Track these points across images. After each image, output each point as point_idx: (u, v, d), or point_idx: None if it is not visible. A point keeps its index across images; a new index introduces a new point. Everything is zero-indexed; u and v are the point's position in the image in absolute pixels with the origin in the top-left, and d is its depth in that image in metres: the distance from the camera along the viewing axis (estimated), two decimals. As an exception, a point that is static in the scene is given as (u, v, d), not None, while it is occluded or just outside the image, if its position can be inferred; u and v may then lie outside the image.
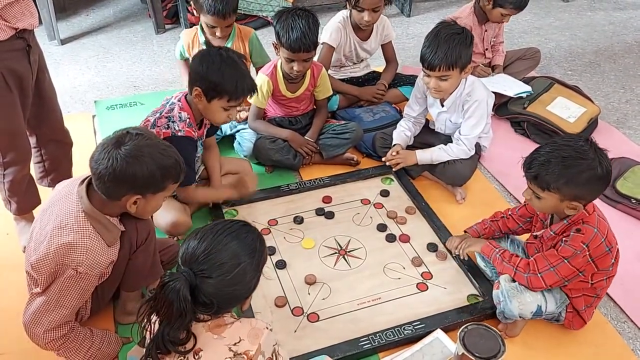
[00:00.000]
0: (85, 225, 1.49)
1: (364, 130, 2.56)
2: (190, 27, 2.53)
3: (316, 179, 2.40)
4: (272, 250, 2.06)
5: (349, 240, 2.12)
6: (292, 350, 1.65)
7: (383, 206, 2.29)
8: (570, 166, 1.54)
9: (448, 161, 2.32)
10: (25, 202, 2.03)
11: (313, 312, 1.83)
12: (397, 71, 2.94)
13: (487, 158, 2.59)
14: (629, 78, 3.34)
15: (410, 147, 2.44)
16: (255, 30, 3.68)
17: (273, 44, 2.35)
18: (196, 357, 1.22)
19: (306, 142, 2.47)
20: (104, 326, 1.75)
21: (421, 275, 1.98)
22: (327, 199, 2.32)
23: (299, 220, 2.20)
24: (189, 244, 1.27)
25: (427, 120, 2.54)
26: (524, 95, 2.82)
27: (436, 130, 2.48)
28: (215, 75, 1.89)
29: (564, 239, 1.63)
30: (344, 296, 1.90)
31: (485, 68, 2.95)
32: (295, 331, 1.77)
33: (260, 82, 2.41)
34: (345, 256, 2.06)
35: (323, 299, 1.89)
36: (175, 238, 2.05)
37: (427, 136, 2.49)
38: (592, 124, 2.73)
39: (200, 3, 2.35)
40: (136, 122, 2.00)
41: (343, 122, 2.61)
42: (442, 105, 2.33)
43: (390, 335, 1.72)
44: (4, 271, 1.98)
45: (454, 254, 1.95)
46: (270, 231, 2.16)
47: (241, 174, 2.28)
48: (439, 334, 1.73)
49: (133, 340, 1.70)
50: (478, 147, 2.43)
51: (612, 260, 1.65)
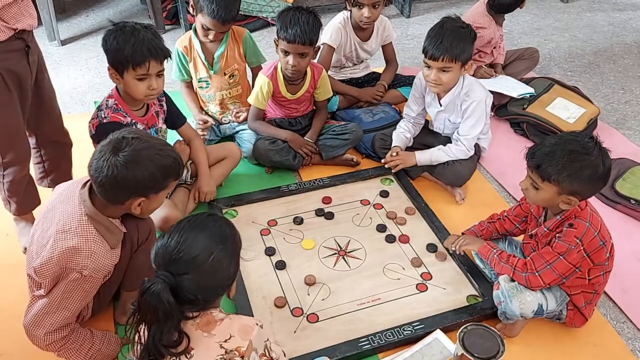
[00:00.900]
0: (88, 229, 1.49)
1: (363, 131, 2.56)
2: (190, 28, 2.52)
3: (316, 180, 2.40)
4: (272, 251, 2.06)
5: (349, 241, 2.13)
6: (291, 351, 1.65)
7: (383, 207, 2.29)
8: (575, 160, 1.54)
9: (447, 162, 2.33)
10: (25, 203, 2.03)
11: (313, 313, 1.84)
12: (397, 72, 2.95)
13: (487, 159, 2.59)
14: (629, 79, 3.34)
15: (409, 148, 2.44)
16: (255, 31, 3.74)
17: (274, 40, 2.36)
18: (188, 357, 1.21)
19: (306, 143, 2.47)
20: (104, 327, 1.75)
21: (421, 276, 1.98)
22: (326, 200, 2.32)
23: (298, 220, 2.20)
24: (157, 245, 1.27)
25: (427, 121, 2.54)
26: (527, 96, 2.82)
27: (435, 130, 2.48)
28: (114, 47, 1.84)
29: (557, 235, 1.64)
30: (344, 297, 1.90)
31: (488, 69, 2.95)
32: (294, 332, 1.77)
33: (261, 83, 2.42)
34: (345, 257, 2.06)
35: (323, 299, 1.89)
36: None
37: (427, 137, 2.49)
38: (591, 125, 2.74)
39: (201, 4, 2.34)
40: (136, 122, 1.99)
41: (343, 122, 2.62)
42: (440, 105, 2.33)
43: (389, 336, 1.72)
44: (3, 272, 1.98)
45: (451, 250, 1.95)
46: (270, 232, 2.16)
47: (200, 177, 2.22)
48: (438, 334, 1.73)
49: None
50: (477, 148, 2.43)
51: (607, 254, 1.66)
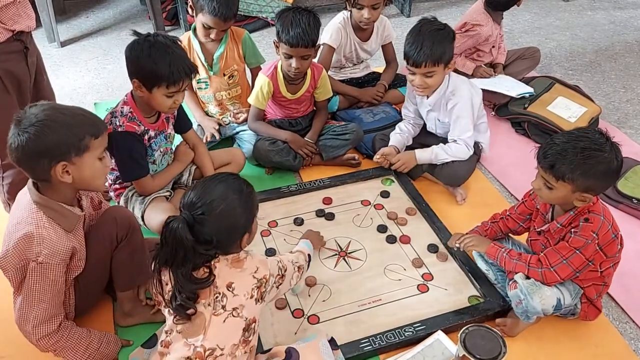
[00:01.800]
0: (38, 216, 1.48)
1: (364, 131, 2.56)
2: (190, 29, 2.51)
3: (316, 180, 2.40)
4: (272, 252, 2.06)
5: (349, 242, 2.12)
6: (292, 352, 1.64)
7: (383, 207, 2.29)
8: (589, 157, 1.53)
9: (446, 162, 2.32)
10: (24, 205, 2.02)
11: (313, 314, 1.83)
12: (397, 72, 2.94)
13: (488, 158, 2.58)
14: (630, 77, 3.33)
15: (409, 148, 2.42)
16: (255, 31, 3.74)
17: (274, 42, 2.35)
18: (230, 289, 1.37)
19: (306, 143, 2.47)
20: (104, 328, 1.75)
21: (422, 277, 1.97)
22: (327, 200, 2.31)
23: (299, 221, 2.20)
24: (186, 194, 1.41)
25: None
26: (527, 95, 2.81)
27: (428, 129, 2.48)
28: (147, 63, 1.82)
29: (572, 230, 1.63)
30: (345, 298, 1.89)
31: (487, 69, 2.93)
32: (295, 333, 1.77)
33: (261, 83, 2.41)
34: (346, 258, 2.05)
35: (323, 300, 1.88)
36: None
37: (426, 137, 2.48)
38: (593, 124, 2.72)
39: (201, 3, 2.33)
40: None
41: (343, 123, 2.61)
42: (428, 104, 2.33)
43: (391, 337, 1.72)
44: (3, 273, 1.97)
45: (455, 247, 1.92)
46: (270, 233, 2.15)
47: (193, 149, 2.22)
48: (439, 335, 1.72)
49: (134, 342, 1.71)
50: (477, 148, 2.42)
51: (618, 247, 1.66)
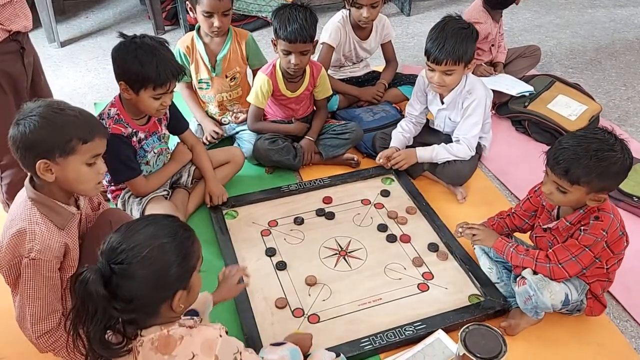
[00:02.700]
0: (32, 212, 1.48)
1: (364, 130, 2.56)
2: (191, 29, 2.51)
3: (316, 180, 2.39)
4: (273, 252, 2.06)
5: (350, 241, 2.12)
6: (292, 352, 1.64)
7: (384, 206, 2.28)
8: (602, 159, 1.51)
9: (448, 161, 2.32)
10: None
11: (314, 314, 1.83)
12: (397, 70, 2.94)
13: (488, 157, 2.58)
14: (630, 75, 3.32)
15: (409, 147, 2.42)
16: (255, 31, 3.74)
17: (272, 40, 2.34)
18: None
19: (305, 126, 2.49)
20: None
21: (422, 276, 1.97)
22: (327, 200, 2.31)
23: (299, 221, 2.19)
24: (107, 237, 1.16)
25: (427, 120, 2.53)
26: (526, 94, 2.81)
27: (435, 127, 2.47)
28: (134, 65, 1.81)
29: (582, 227, 1.62)
30: (345, 297, 1.89)
31: (487, 68, 2.93)
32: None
33: (260, 81, 2.41)
34: (346, 257, 2.05)
35: (324, 300, 1.88)
36: None
37: (427, 136, 2.48)
38: (593, 122, 2.72)
39: None
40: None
41: (343, 122, 2.60)
42: (442, 103, 2.32)
43: (391, 336, 1.71)
44: (3, 274, 1.97)
45: (458, 232, 1.90)
46: (270, 232, 2.15)
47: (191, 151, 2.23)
48: (440, 334, 1.72)
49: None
50: (479, 147, 2.42)
51: (625, 244, 1.66)
